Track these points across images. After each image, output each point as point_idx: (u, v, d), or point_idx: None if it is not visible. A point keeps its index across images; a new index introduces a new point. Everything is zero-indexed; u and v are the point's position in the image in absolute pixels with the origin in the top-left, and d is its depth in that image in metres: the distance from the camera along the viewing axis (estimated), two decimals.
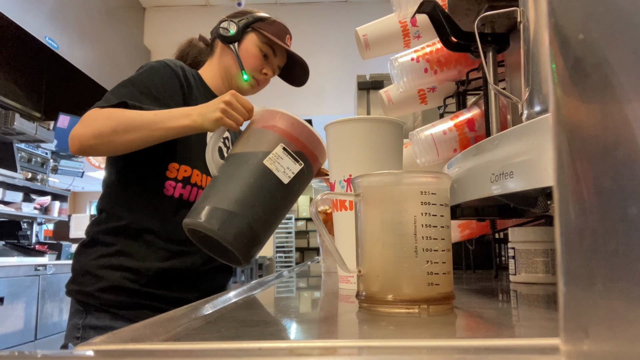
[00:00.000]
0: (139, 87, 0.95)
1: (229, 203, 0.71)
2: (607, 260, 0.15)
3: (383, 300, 0.41)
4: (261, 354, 0.28)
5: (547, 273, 0.68)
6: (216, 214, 0.70)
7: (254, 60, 1.10)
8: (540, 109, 0.52)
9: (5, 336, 2.46)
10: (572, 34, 0.17)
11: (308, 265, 1.42)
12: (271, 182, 0.73)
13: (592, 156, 0.16)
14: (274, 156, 0.74)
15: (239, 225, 0.70)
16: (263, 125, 0.78)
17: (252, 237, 0.71)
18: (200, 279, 1.04)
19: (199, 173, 1.01)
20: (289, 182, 0.74)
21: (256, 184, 0.72)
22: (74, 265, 1.00)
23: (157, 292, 0.97)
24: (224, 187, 0.73)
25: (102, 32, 4.06)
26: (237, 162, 0.75)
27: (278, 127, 0.77)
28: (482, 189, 0.51)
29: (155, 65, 1.01)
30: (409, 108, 1.16)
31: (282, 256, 8.26)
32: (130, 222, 0.97)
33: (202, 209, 0.71)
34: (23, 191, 3.29)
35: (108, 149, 0.91)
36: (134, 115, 0.89)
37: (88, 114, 0.90)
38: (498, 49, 0.77)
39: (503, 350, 0.27)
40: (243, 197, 0.71)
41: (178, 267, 0.99)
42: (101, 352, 0.28)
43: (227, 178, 0.74)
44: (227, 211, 0.70)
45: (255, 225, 0.71)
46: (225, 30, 1.10)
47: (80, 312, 0.96)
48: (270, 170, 0.73)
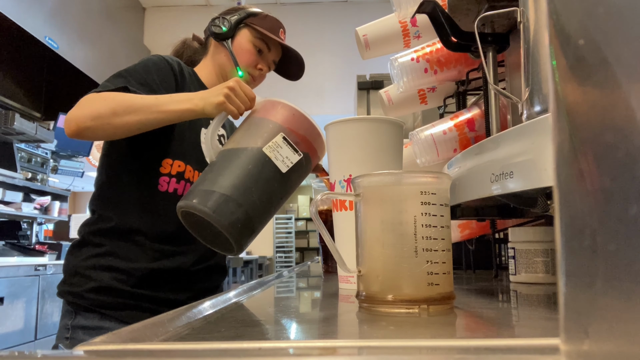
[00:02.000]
0: (136, 78, 0.94)
1: (226, 187, 0.70)
2: (607, 260, 0.15)
3: (383, 300, 0.41)
4: (261, 354, 0.28)
5: (547, 273, 0.68)
6: (212, 197, 0.69)
7: (248, 56, 1.08)
8: (540, 109, 0.52)
9: (5, 336, 2.46)
10: (572, 35, 0.17)
11: (308, 265, 1.42)
12: (269, 170, 0.73)
13: (592, 156, 0.16)
14: (274, 144, 0.73)
15: (234, 210, 0.69)
16: (264, 114, 0.78)
17: (247, 224, 0.70)
18: (192, 279, 1.03)
19: (192, 169, 1.01)
20: (287, 172, 0.74)
21: (254, 171, 0.72)
22: (65, 266, 1.00)
23: (146, 293, 0.96)
24: (221, 171, 0.72)
25: (102, 32, 4.06)
26: (237, 148, 0.75)
27: (279, 117, 0.76)
28: (482, 189, 0.51)
29: (152, 57, 1.01)
30: (409, 108, 1.16)
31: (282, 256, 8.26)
32: (119, 223, 0.97)
33: (198, 191, 0.70)
34: (23, 191, 3.29)
35: (106, 132, 0.88)
36: (133, 98, 0.87)
37: (85, 98, 0.89)
38: (498, 49, 0.77)
39: (503, 350, 0.27)
40: (240, 182, 0.70)
41: (167, 267, 0.98)
42: (101, 352, 0.28)
43: (225, 164, 0.73)
44: (224, 195, 0.69)
45: (251, 211, 0.70)
46: (218, 28, 1.09)
47: (70, 313, 0.96)
48: (269, 158, 0.73)
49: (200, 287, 1.05)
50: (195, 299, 1.02)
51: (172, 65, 1.01)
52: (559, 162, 0.18)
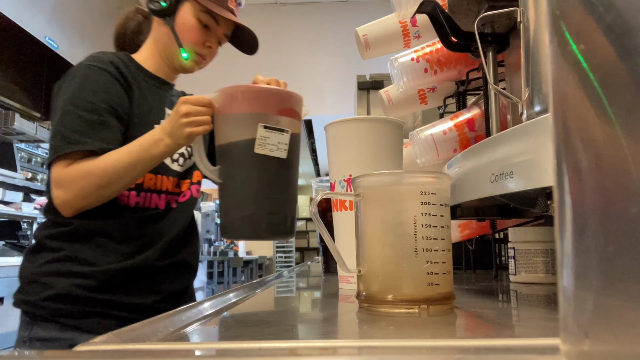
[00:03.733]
0: (85, 107, 0.87)
1: (249, 207, 0.69)
2: (607, 261, 0.15)
3: (383, 300, 0.41)
4: (261, 354, 0.28)
5: (547, 273, 0.68)
6: (244, 222, 0.69)
7: (193, 34, 0.97)
8: (540, 109, 0.52)
9: (5, 336, 2.46)
10: (572, 35, 0.17)
11: (308, 265, 1.42)
12: (273, 165, 0.71)
13: (592, 156, 0.16)
14: (261, 140, 0.70)
15: (268, 220, 0.69)
16: (230, 110, 0.74)
17: (283, 219, 0.71)
18: (158, 279, 0.98)
19: (152, 176, 0.96)
20: (289, 154, 0.72)
21: (262, 176, 0.71)
22: (20, 272, 0.94)
23: (109, 298, 0.90)
24: (236, 193, 0.71)
25: (102, 32, 4.05)
26: (231, 161, 0.73)
27: (246, 106, 0.72)
28: (482, 189, 0.51)
29: (89, 74, 0.91)
30: (409, 108, 1.16)
31: (282, 256, 8.26)
32: (79, 225, 0.91)
33: (231, 223, 0.71)
34: (23, 191, 3.29)
35: (102, 200, 0.88)
36: (109, 164, 0.84)
37: (61, 175, 0.86)
38: (498, 49, 0.77)
39: (503, 350, 0.27)
40: (257, 194, 0.70)
41: (131, 266, 0.92)
42: (101, 352, 0.28)
43: (233, 183, 0.72)
44: (250, 215, 0.69)
45: (281, 208, 0.71)
46: (156, 3, 0.96)
47: (27, 324, 0.90)
48: (266, 156, 0.71)
49: (168, 289, 0.99)
50: (163, 302, 0.99)
51: (110, 72, 0.92)
52: (559, 162, 0.18)
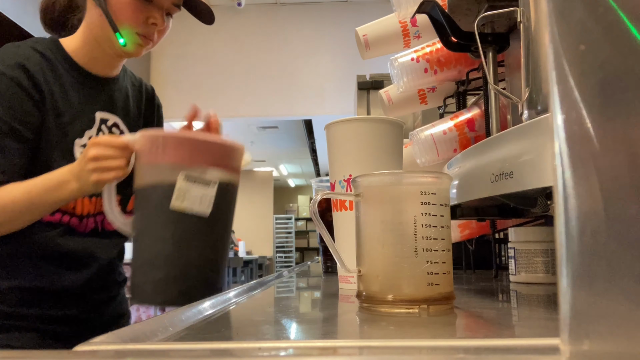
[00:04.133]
0: None
1: (162, 268, 0.62)
2: (607, 261, 0.15)
3: (383, 300, 0.41)
4: (261, 354, 0.28)
5: (547, 273, 0.68)
6: (156, 287, 0.62)
7: (129, 12, 0.79)
8: (540, 109, 0.52)
9: None
10: (572, 36, 0.17)
11: (308, 265, 1.42)
12: (192, 223, 0.62)
13: (592, 156, 0.16)
14: (179, 193, 0.61)
15: (182, 285, 0.62)
16: (150, 159, 0.65)
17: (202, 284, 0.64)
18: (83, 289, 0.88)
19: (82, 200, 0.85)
20: (213, 210, 0.63)
21: (177, 235, 0.62)
22: None
23: (29, 312, 0.82)
24: (148, 251, 0.63)
25: None
26: (146, 215, 0.65)
27: (168, 155, 0.63)
28: (482, 189, 0.51)
29: None
30: (409, 108, 1.16)
31: (282, 256, 8.26)
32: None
33: (141, 285, 0.63)
34: None
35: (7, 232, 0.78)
36: (3, 203, 0.74)
37: None
38: (498, 49, 0.77)
39: (503, 350, 0.27)
40: (172, 255, 0.62)
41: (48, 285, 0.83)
42: (101, 352, 0.28)
43: (145, 239, 0.64)
44: (163, 279, 0.61)
45: (199, 272, 0.64)
46: None
47: None
48: (184, 212, 0.61)
49: (93, 299, 0.90)
50: (90, 312, 0.89)
51: (17, 80, 0.77)
52: (559, 162, 0.18)
